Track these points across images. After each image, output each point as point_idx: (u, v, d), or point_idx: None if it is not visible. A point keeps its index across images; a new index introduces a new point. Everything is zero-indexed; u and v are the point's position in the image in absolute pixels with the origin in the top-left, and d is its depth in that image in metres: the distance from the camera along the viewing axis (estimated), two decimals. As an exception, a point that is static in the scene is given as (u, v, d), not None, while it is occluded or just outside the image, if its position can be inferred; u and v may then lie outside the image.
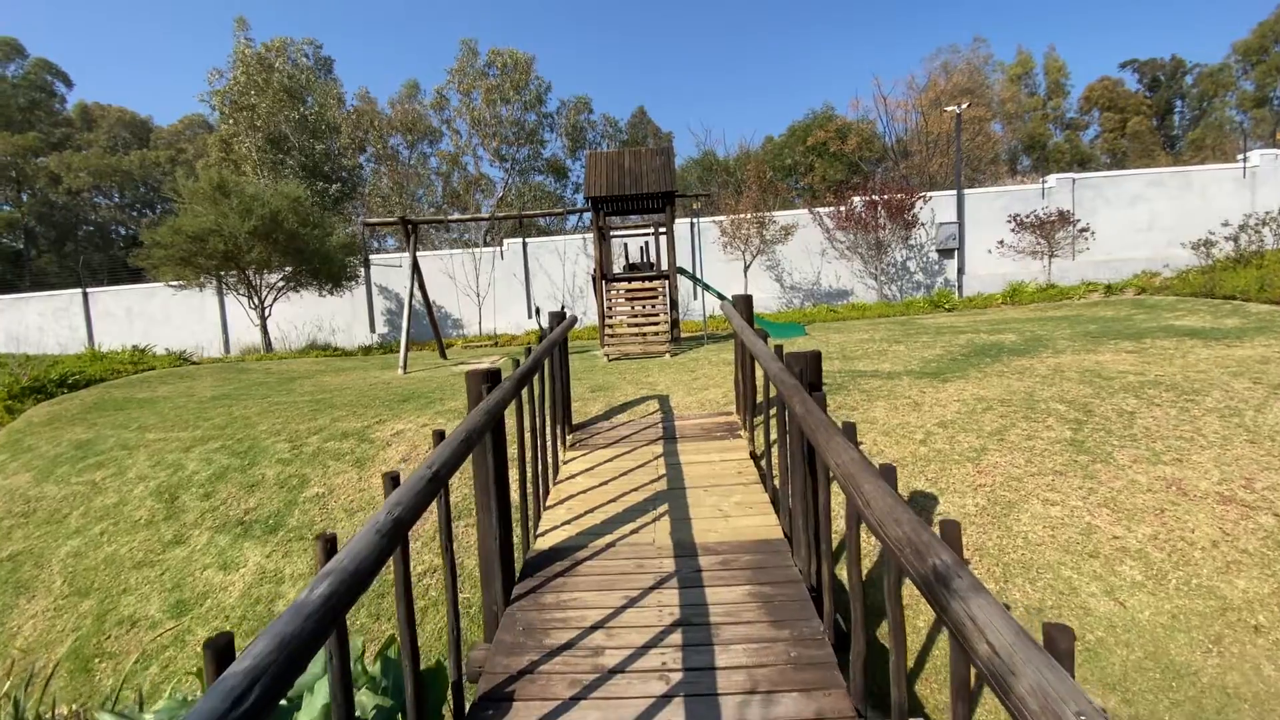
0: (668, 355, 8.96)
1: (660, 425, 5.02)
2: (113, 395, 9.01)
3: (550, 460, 4.29)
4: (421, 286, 10.99)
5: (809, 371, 2.74)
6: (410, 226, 10.34)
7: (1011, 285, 14.21)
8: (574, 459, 4.44)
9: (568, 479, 4.08)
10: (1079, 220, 14.59)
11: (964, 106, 16.58)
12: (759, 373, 4.62)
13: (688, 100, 60.07)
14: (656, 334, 9.82)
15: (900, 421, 4.73)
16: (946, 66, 30.92)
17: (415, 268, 10.40)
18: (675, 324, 10.37)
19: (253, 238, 12.77)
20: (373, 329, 18.30)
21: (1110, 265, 15.89)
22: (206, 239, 12.50)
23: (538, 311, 10.70)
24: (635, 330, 10.02)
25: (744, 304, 4.76)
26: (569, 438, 4.95)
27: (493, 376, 2.76)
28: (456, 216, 10.98)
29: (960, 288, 16.17)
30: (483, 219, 10.95)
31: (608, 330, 9.80)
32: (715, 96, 56.94)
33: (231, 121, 24.04)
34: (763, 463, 4.32)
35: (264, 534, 4.88)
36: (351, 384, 8.78)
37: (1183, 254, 15.96)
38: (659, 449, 4.47)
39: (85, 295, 20.47)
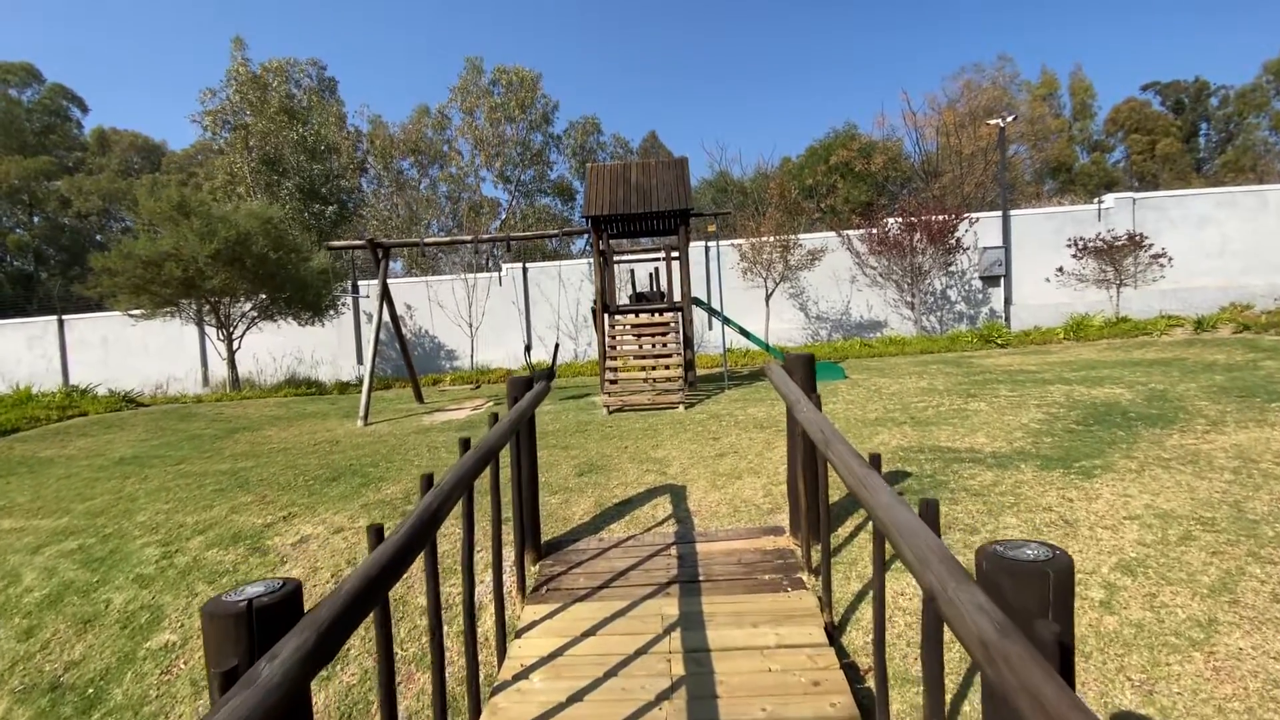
0: (681, 408, 7.29)
1: (674, 552, 3.32)
2: (12, 454, 7.47)
3: (495, 632, 2.62)
4: (394, 317, 9.47)
5: (1062, 604, 1.08)
6: (380, 250, 8.85)
7: (1074, 318, 12.43)
8: (536, 624, 2.75)
9: (515, 681, 2.39)
10: (1151, 244, 12.83)
11: (1009, 119, 15.01)
12: (816, 459, 2.97)
13: (699, 126, 59.31)
14: (668, 379, 8.17)
15: (1056, 560, 3.01)
16: (970, 85, 29.59)
17: (385, 295, 8.89)
18: (690, 365, 8.73)
19: (215, 262, 11.35)
20: (360, 360, 16.81)
21: (1178, 295, 14.10)
22: (162, 264, 11.10)
23: (527, 349, 9.13)
24: (643, 374, 8.39)
25: (803, 367, 3.10)
26: (535, 570, 3.27)
27: (268, 614, 1.11)
28: (433, 240, 9.50)
29: (1008, 319, 14.41)
30: (464, 241, 9.46)
31: (609, 374, 8.17)
32: (727, 121, 56.02)
33: (223, 142, 23.11)
34: (845, 640, 2.61)
35: (74, 715, 3.22)
36: (295, 441, 7.18)
37: (1258, 283, 14.21)
38: (672, 607, 2.77)
39: (60, 323, 19.29)
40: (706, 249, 10.85)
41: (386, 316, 9.33)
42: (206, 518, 4.66)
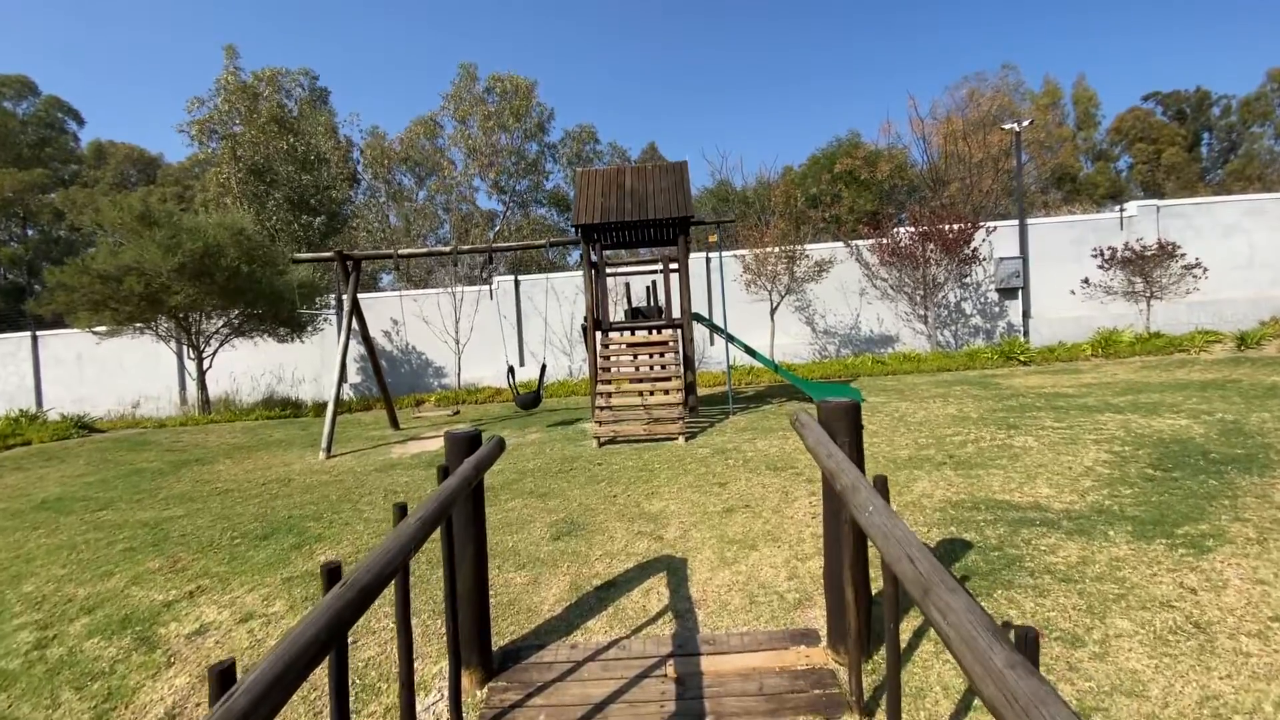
0: (681, 439, 6.46)
1: (671, 671, 2.47)
2: (-73, 491, 6.64)
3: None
4: (365, 335, 8.68)
5: None
6: (350, 263, 8.07)
7: (1101, 333, 11.62)
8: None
9: None
10: (1184, 254, 12.05)
11: (1025, 124, 14.30)
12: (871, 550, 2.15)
13: (698, 136, 58.82)
14: (667, 404, 7.35)
15: (1200, 691, 2.16)
16: (974, 94, 29.01)
17: (355, 311, 8.11)
18: (691, 388, 7.91)
19: (180, 276, 10.56)
20: (342, 377, 15.99)
21: (1206, 308, 13.30)
22: (121, 279, 10.31)
23: (510, 371, 8.36)
24: (638, 400, 7.56)
25: (849, 428, 2.28)
26: (481, 697, 2.42)
27: None
28: (408, 251, 8.70)
29: (1027, 333, 13.61)
30: (442, 253, 8.72)
31: (600, 400, 7.35)
32: (727, 131, 55.59)
33: (210, 151, 22.47)
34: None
35: None
36: (243, 479, 6.34)
37: (1290, 293, 13.45)
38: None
39: (34, 339, 18.45)
40: (708, 260, 10.08)
41: (363, 335, 8.54)
42: (102, 590, 3.81)
